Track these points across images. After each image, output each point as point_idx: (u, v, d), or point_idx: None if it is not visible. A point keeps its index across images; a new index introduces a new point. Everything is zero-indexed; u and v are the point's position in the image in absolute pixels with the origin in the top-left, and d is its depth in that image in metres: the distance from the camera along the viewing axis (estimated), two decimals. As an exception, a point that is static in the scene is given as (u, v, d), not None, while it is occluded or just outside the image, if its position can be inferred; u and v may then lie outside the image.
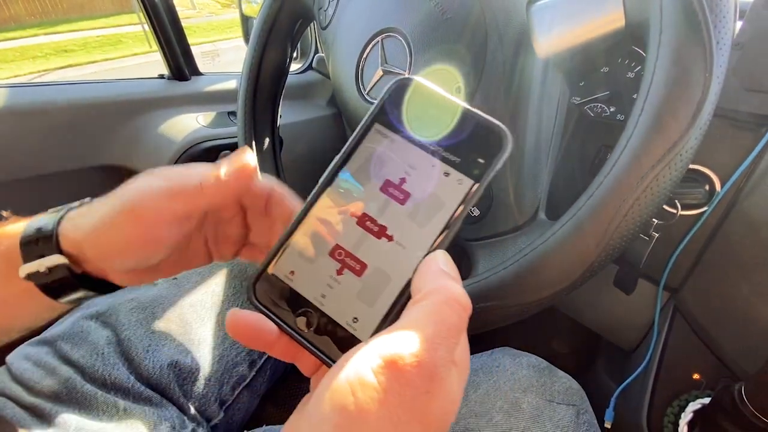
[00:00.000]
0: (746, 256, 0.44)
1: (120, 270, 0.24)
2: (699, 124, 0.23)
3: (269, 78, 0.53)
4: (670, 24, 0.23)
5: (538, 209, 0.32)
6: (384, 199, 0.21)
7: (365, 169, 0.21)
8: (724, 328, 0.47)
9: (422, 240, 0.20)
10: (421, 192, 0.20)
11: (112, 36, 8.04)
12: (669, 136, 0.23)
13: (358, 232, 0.20)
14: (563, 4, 0.31)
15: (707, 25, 0.23)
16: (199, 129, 0.71)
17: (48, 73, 6.51)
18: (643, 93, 0.24)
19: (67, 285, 0.23)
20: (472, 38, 0.32)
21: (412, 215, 0.20)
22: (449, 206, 0.20)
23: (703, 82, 0.23)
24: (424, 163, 0.20)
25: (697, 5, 0.23)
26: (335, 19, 0.42)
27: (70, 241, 0.23)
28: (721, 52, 0.23)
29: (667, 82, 0.23)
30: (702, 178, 0.46)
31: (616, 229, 0.25)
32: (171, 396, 0.39)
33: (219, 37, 7.93)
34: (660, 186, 0.24)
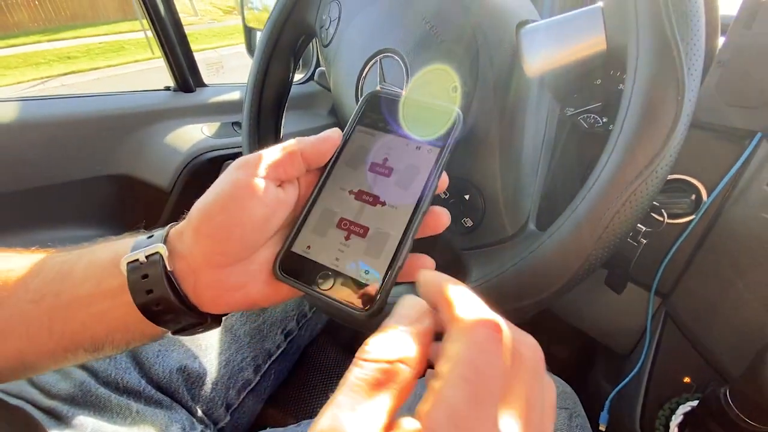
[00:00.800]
0: (731, 263, 0.46)
1: (214, 259, 0.24)
2: (673, 144, 0.25)
3: (273, 91, 0.55)
4: (645, 51, 0.25)
5: (528, 220, 0.34)
6: (373, 176, 0.26)
7: (355, 157, 0.27)
8: (712, 333, 0.49)
9: (408, 199, 0.25)
10: (400, 165, 0.26)
11: (114, 43, 8.11)
12: (646, 155, 0.25)
13: (357, 204, 0.26)
14: (550, 27, 0.33)
15: (679, 53, 0.25)
16: (204, 139, 0.73)
17: (51, 80, 6.57)
18: (622, 115, 0.26)
19: (157, 298, 0.23)
20: (465, 59, 0.34)
21: (397, 183, 0.26)
22: (425, 171, 0.25)
23: (676, 107, 0.25)
24: (399, 143, 0.26)
25: (669, 34, 0.25)
26: (336, 38, 0.44)
27: (174, 233, 0.24)
28: (692, 77, 0.25)
29: (643, 106, 0.25)
30: (689, 187, 0.47)
31: (598, 241, 0.27)
32: (180, 399, 0.41)
33: (221, 44, 8.00)
34: (638, 200, 0.26)
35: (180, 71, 0.76)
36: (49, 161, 0.65)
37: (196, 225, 0.23)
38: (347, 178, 0.26)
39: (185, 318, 0.24)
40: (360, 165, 0.26)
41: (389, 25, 0.38)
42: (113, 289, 0.23)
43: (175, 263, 0.23)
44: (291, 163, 0.24)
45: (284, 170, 0.24)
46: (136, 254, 0.23)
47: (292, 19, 0.50)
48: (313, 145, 0.25)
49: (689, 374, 0.53)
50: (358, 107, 0.28)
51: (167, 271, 0.23)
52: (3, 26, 8.76)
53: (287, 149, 0.24)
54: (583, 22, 0.30)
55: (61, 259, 0.25)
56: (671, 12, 0.25)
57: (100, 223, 0.72)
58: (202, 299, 0.24)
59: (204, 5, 10.37)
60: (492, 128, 0.33)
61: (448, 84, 0.34)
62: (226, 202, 0.23)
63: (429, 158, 0.25)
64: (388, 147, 0.26)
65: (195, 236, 0.23)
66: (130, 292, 0.23)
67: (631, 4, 0.26)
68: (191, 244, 0.23)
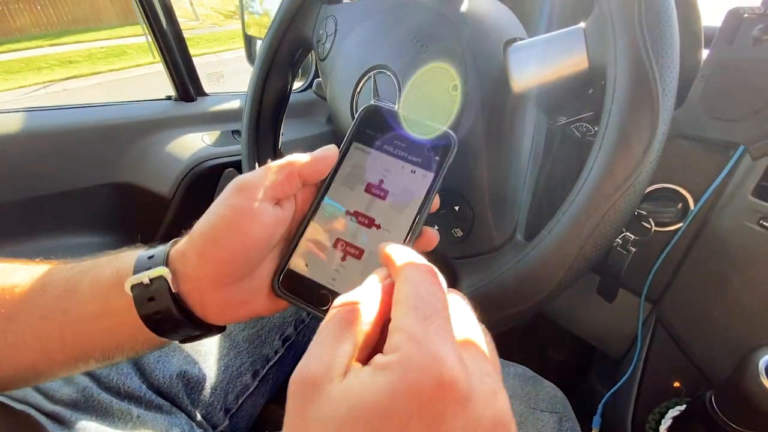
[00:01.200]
0: (717, 270, 0.47)
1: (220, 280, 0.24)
2: (648, 160, 0.26)
3: (272, 101, 0.57)
4: (622, 72, 0.27)
5: (515, 231, 0.35)
6: (369, 198, 0.27)
7: (351, 177, 0.27)
8: (699, 338, 0.50)
9: (403, 224, 0.26)
10: (396, 188, 0.27)
11: (116, 47, 8.16)
12: (623, 171, 0.27)
13: (353, 226, 0.26)
14: (536, 46, 0.34)
15: (654, 75, 0.26)
16: (204, 148, 0.74)
17: (53, 84, 6.60)
18: (601, 132, 0.27)
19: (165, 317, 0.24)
20: (454, 76, 0.35)
21: (392, 206, 0.26)
22: (419, 195, 0.26)
23: (651, 126, 0.26)
24: (395, 166, 0.27)
25: (645, 57, 0.26)
26: (332, 52, 0.46)
27: (175, 254, 0.25)
28: (667, 98, 0.26)
29: (620, 126, 0.26)
30: (676, 196, 0.49)
31: (579, 253, 0.28)
32: (180, 404, 0.42)
33: (222, 48, 8.04)
34: (617, 214, 0.27)
35: (181, 81, 0.77)
36: (52, 170, 0.66)
37: (200, 250, 0.24)
38: (344, 197, 0.27)
39: (191, 330, 0.26)
40: (356, 185, 0.27)
41: (382, 42, 0.40)
42: (120, 308, 0.24)
43: (180, 284, 0.24)
44: (289, 182, 0.25)
45: (282, 190, 0.25)
46: (140, 277, 0.24)
47: (290, 32, 0.52)
48: (310, 164, 0.26)
49: (679, 379, 0.54)
50: (354, 123, 0.28)
51: (173, 292, 0.24)
52: (5, 31, 8.81)
53: (285, 169, 0.25)
54: (567, 41, 0.32)
55: (66, 275, 0.26)
56: (646, 35, 0.26)
57: (103, 230, 0.74)
58: (207, 314, 0.25)
59: (205, 10, 10.44)
60: (480, 142, 0.34)
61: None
62: (228, 227, 0.23)
63: (423, 183, 0.26)
64: (384, 168, 0.27)
65: (199, 260, 0.24)
66: (138, 313, 0.24)
67: (609, 27, 0.28)
68: (196, 268, 0.24)
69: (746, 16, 0.40)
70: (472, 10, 0.37)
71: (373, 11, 0.42)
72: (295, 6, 0.50)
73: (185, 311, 0.25)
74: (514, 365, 0.49)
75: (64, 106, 0.71)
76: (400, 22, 0.39)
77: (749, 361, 0.36)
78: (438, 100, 0.36)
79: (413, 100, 0.37)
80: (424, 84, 0.36)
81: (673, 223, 0.48)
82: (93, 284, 0.25)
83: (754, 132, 0.39)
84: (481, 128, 0.34)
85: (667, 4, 0.27)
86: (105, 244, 0.74)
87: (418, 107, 0.36)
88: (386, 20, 0.40)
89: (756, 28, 0.39)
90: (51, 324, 0.24)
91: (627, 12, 0.27)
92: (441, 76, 0.35)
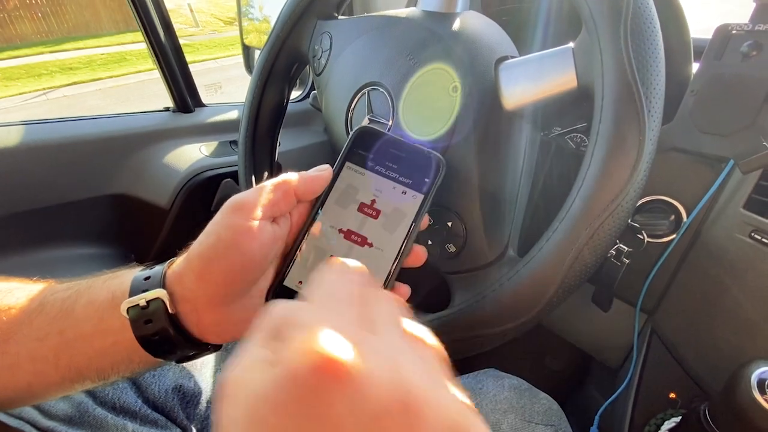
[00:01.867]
0: (710, 282, 0.47)
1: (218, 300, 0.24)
2: (636, 179, 0.27)
3: (268, 114, 0.57)
4: (609, 93, 0.27)
5: (507, 246, 0.35)
6: (362, 217, 0.28)
7: (345, 196, 0.28)
8: (694, 349, 0.50)
9: (394, 243, 0.27)
10: (387, 208, 0.28)
11: (116, 53, 8.20)
12: (611, 190, 0.27)
13: (346, 244, 0.27)
14: (526, 64, 0.35)
15: (639, 95, 0.26)
16: (201, 159, 0.75)
17: (52, 91, 6.63)
18: (589, 153, 0.28)
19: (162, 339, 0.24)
20: (445, 92, 0.36)
21: (384, 226, 0.27)
22: (409, 215, 0.27)
23: (638, 145, 0.26)
24: (386, 186, 0.28)
25: (631, 78, 0.27)
26: (327, 68, 0.46)
27: (172, 275, 0.25)
28: (653, 118, 0.27)
29: (608, 146, 0.27)
30: (670, 208, 0.49)
31: (569, 270, 0.28)
32: (175, 418, 0.42)
33: (222, 54, 8.08)
34: (606, 232, 0.28)
35: (179, 92, 0.78)
36: (51, 183, 0.67)
37: (199, 271, 0.24)
38: (337, 216, 0.28)
39: (188, 350, 0.26)
40: (349, 204, 0.28)
41: (376, 59, 0.40)
42: (115, 329, 0.24)
43: (178, 306, 0.24)
44: (284, 200, 0.26)
45: (278, 208, 0.26)
46: (136, 299, 0.24)
47: (286, 46, 0.52)
48: (305, 183, 0.27)
49: (675, 390, 0.54)
50: (347, 144, 0.29)
51: (170, 314, 0.24)
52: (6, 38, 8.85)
53: (280, 188, 0.26)
54: (556, 60, 0.32)
55: (62, 296, 0.26)
56: (632, 57, 0.27)
57: (102, 241, 0.74)
58: (205, 334, 0.25)
59: (205, 17, 10.51)
60: (472, 159, 0.35)
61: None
62: (227, 247, 0.24)
63: (414, 203, 0.28)
64: (376, 188, 0.28)
65: (198, 281, 0.24)
66: (134, 335, 0.24)
67: (596, 48, 0.28)
68: (194, 288, 0.24)
69: (734, 32, 0.41)
70: (464, 28, 0.37)
71: (366, 28, 0.43)
72: (292, 21, 0.51)
73: (182, 332, 0.25)
74: (509, 377, 0.49)
75: (63, 119, 0.71)
76: (393, 39, 0.40)
77: (741, 375, 0.37)
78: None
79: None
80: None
81: (666, 235, 0.48)
82: (88, 306, 0.25)
83: (743, 147, 0.39)
84: (473, 145, 0.34)
85: (652, 25, 0.27)
86: (104, 255, 0.74)
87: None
88: (379, 37, 0.41)
89: (744, 45, 0.40)
90: (46, 345, 0.25)
91: (613, 33, 0.27)
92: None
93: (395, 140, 0.29)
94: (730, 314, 0.46)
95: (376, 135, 0.29)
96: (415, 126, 0.36)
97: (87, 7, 9.52)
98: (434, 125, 0.35)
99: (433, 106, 0.36)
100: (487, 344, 0.34)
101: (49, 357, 0.25)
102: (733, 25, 0.41)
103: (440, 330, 0.34)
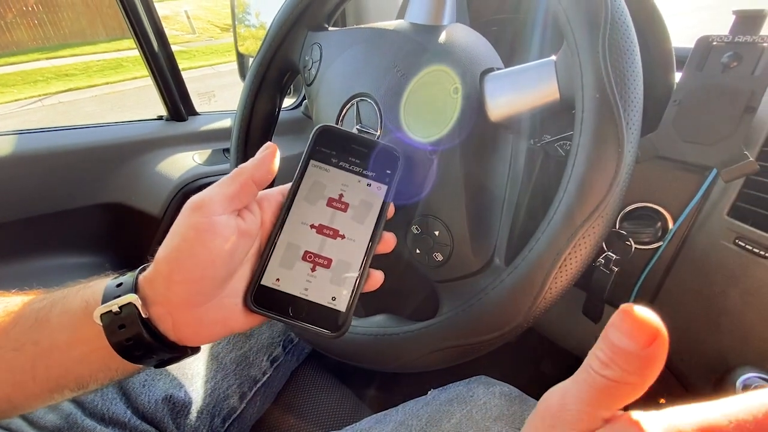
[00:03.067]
0: (697, 288, 0.48)
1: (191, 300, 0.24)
2: (616, 191, 0.27)
3: (260, 123, 0.58)
4: (589, 107, 0.28)
5: (494, 255, 0.36)
6: (331, 211, 0.29)
7: (312, 193, 0.29)
8: (682, 354, 0.50)
9: (364, 233, 0.29)
10: (355, 201, 0.29)
11: (112, 60, 8.20)
12: (592, 201, 0.27)
13: (318, 238, 0.28)
14: (511, 76, 0.35)
15: (618, 109, 0.27)
16: (194, 167, 0.75)
17: (48, 97, 6.61)
18: (570, 165, 0.28)
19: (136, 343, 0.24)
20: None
21: (353, 217, 0.29)
22: (376, 205, 0.29)
23: (617, 158, 0.27)
24: (352, 180, 0.30)
25: (609, 92, 0.27)
26: (317, 78, 0.47)
27: (143, 280, 0.25)
28: (631, 131, 0.27)
29: (588, 159, 0.27)
30: (656, 215, 0.50)
31: (552, 280, 0.29)
32: (165, 429, 0.42)
33: (218, 61, 8.10)
34: (588, 242, 0.28)
35: (172, 101, 0.78)
36: (44, 192, 0.67)
37: (166, 273, 0.24)
38: (308, 213, 0.29)
39: (165, 353, 0.26)
40: (318, 200, 0.29)
41: (364, 70, 0.41)
42: (90, 337, 0.24)
43: (150, 309, 0.25)
44: (244, 191, 0.26)
45: (239, 200, 0.26)
46: (109, 305, 0.24)
47: (278, 57, 0.53)
48: (257, 167, 0.27)
49: (664, 396, 0.54)
50: (309, 143, 0.31)
51: (143, 319, 0.24)
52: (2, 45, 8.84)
53: (237, 179, 0.26)
54: (538, 73, 0.33)
55: (38, 306, 0.26)
56: (610, 71, 0.27)
57: (94, 250, 0.74)
58: (181, 336, 0.26)
59: (202, 23, 10.54)
60: (458, 169, 0.35)
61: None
62: (192, 247, 0.24)
63: (379, 194, 0.30)
64: (343, 183, 0.30)
65: (167, 283, 0.24)
66: (108, 341, 0.24)
67: (577, 63, 0.29)
68: (164, 291, 0.24)
69: (715, 43, 0.42)
70: (450, 40, 0.38)
71: (355, 40, 0.43)
72: (283, 32, 0.51)
73: (157, 336, 0.25)
74: (500, 384, 0.49)
75: (56, 128, 0.71)
76: (380, 51, 0.40)
77: (726, 381, 0.37)
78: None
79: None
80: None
81: (653, 242, 0.49)
82: (62, 315, 0.25)
83: (725, 156, 0.40)
84: (459, 155, 0.35)
85: (629, 40, 0.28)
86: (97, 264, 0.74)
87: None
88: (368, 49, 0.42)
89: (725, 56, 0.41)
90: (23, 356, 0.25)
91: (592, 48, 0.28)
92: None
93: (354, 136, 0.31)
94: (717, 320, 0.46)
95: (336, 133, 0.31)
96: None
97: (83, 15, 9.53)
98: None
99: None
100: (474, 352, 0.34)
101: (26, 367, 0.25)
102: (713, 37, 0.42)
103: (428, 338, 0.34)
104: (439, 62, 0.36)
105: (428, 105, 0.37)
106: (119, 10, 0.71)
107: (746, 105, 0.39)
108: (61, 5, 9.30)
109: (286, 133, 0.91)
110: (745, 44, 0.40)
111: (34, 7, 8.91)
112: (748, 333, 0.44)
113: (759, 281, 0.42)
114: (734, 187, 0.43)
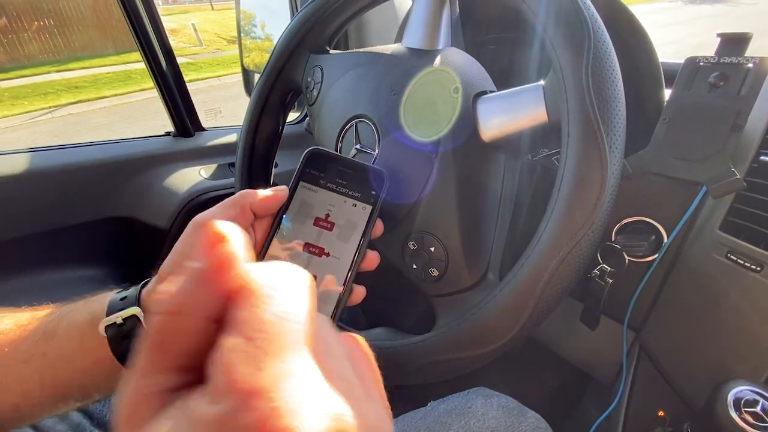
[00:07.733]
0: (691, 301, 0.48)
1: None
2: (601, 211, 0.29)
3: (264, 139, 0.60)
4: (573, 132, 0.29)
5: (488, 270, 0.37)
6: (318, 230, 0.31)
7: (300, 213, 0.31)
8: (679, 367, 0.51)
9: (349, 251, 0.30)
10: (341, 220, 0.31)
11: (121, 72, 8.35)
12: (577, 223, 0.29)
13: (305, 256, 0.30)
14: (501, 99, 0.37)
15: (601, 133, 0.28)
16: (201, 181, 0.77)
17: (58, 109, 6.73)
18: (557, 186, 0.30)
19: None
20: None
21: (338, 236, 0.30)
22: (361, 225, 0.31)
23: (601, 181, 0.28)
24: (338, 201, 0.31)
25: (593, 117, 0.29)
26: (319, 99, 0.49)
27: (146, 293, 0.27)
28: (614, 154, 0.29)
29: (573, 182, 0.29)
30: (651, 229, 0.51)
31: (540, 296, 0.30)
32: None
33: (224, 72, 8.23)
34: (575, 258, 0.29)
35: (180, 118, 0.81)
36: (55, 207, 0.69)
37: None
38: (296, 231, 0.30)
39: None
40: (306, 219, 0.31)
41: (362, 93, 0.42)
42: (95, 348, 0.26)
43: None
44: (242, 216, 0.28)
45: (237, 223, 0.28)
46: (113, 317, 0.26)
47: (282, 77, 0.55)
48: (261, 201, 0.29)
49: (663, 408, 0.55)
50: (300, 165, 0.32)
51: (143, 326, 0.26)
52: (14, 58, 9.04)
53: (237, 204, 0.28)
54: (528, 97, 0.35)
55: (47, 320, 0.28)
56: (593, 97, 0.29)
57: (103, 263, 0.76)
58: None
59: (209, 36, 10.73)
60: (452, 188, 0.36)
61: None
62: None
63: (364, 214, 0.31)
64: (329, 203, 0.31)
65: None
66: (112, 352, 0.26)
67: (562, 88, 0.30)
68: None
69: (702, 64, 0.43)
70: (445, 64, 0.40)
71: (354, 63, 0.45)
72: (286, 54, 0.53)
73: None
74: (498, 396, 0.50)
75: (66, 146, 0.74)
76: (378, 75, 0.42)
77: (719, 394, 0.38)
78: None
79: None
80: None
81: (647, 256, 0.50)
82: (69, 328, 0.27)
83: (714, 173, 0.41)
84: (453, 174, 0.36)
85: (611, 68, 0.29)
86: (106, 276, 0.76)
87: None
88: (366, 72, 0.43)
89: (711, 76, 0.42)
90: (31, 367, 0.26)
91: (575, 73, 0.29)
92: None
93: (342, 159, 0.33)
94: (711, 332, 0.47)
95: (325, 156, 0.33)
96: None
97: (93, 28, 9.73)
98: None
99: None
100: (470, 365, 0.35)
101: (35, 378, 0.26)
102: (700, 58, 0.43)
103: (424, 351, 0.35)
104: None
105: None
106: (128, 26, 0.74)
107: (733, 123, 0.40)
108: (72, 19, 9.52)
109: (289, 147, 0.94)
110: (730, 65, 0.41)
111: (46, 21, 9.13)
112: (742, 345, 0.45)
113: (751, 295, 0.43)
114: (725, 203, 0.44)
